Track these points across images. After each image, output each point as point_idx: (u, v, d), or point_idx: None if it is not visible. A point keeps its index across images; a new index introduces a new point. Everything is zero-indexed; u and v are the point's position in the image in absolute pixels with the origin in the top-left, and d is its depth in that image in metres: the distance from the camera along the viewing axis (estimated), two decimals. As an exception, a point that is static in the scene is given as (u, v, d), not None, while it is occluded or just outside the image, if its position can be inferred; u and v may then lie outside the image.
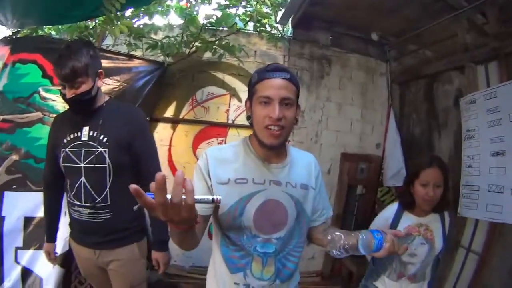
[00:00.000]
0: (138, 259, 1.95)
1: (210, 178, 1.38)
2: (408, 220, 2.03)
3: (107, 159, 1.80)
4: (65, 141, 1.87)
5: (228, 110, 3.62)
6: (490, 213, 2.43)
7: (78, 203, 1.85)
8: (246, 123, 1.47)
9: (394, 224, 2.03)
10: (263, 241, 1.40)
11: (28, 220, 2.52)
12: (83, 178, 1.83)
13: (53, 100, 2.73)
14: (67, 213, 2.06)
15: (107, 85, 2.90)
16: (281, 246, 1.43)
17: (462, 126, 2.79)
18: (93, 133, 1.83)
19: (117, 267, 1.92)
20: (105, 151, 1.80)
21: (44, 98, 2.74)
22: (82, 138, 1.84)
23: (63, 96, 1.81)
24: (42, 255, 2.21)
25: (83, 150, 1.82)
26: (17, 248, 2.50)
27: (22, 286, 2.50)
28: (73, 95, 1.75)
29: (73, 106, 1.83)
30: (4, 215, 2.52)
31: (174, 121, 3.60)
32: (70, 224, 2.01)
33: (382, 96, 3.87)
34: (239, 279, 1.42)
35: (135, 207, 1.67)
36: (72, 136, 1.86)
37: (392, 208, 2.11)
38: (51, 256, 2.12)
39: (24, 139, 2.67)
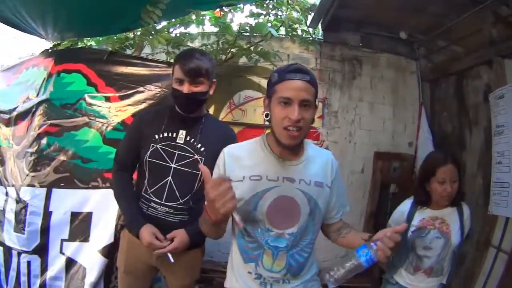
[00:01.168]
0: (198, 262, 2.06)
1: (230, 176, 1.43)
2: (423, 213, 2.11)
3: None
4: (156, 137, 1.93)
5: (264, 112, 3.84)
6: (521, 211, 2.46)
7: (158, 200, 1.91)
8: None
9: (409, 217, 2.12)
10: (276, 235, 1.49)
11: (74, 215, 2.76)
12: (170, 178, 1.90)
13: (99, 106, 2.97)
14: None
15: (149, 91, 3.12)
16: (293, 242, 1.50)
17: (491, 122, 2.88)
18: (190, 139, 1.93)
19: (177, 270, 1.97)
20: (201, 159, 1.89)
21: (90, 104, 2.98)
22: (177, 141, 1.93)
23: (175, 92, 1.88)
24: (86, 247, 2.37)
25: (176, 152, 1.91)
26: (62, 240, 2.76)
27: (66, 275, 2.74)
28: (190, 91, 1.84)
29: (186, 103, 1.90)
30: (52, 210, 2.79)
31: (213, 124, 3.86)
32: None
33: (413, 94, 4.06)
34: (251, 268, 1.53)
35: None
36: (166, 134, 1.94)
37: (408, 202, 2.21)
38: (159, 237, 1.86)
39: (72, 141, 2.92)
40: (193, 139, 1.92)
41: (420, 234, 2.07)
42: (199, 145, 1.91)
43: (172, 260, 1.84)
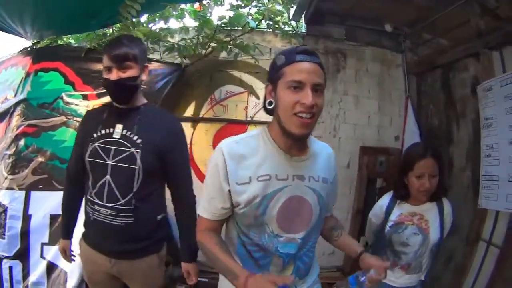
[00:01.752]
0: (157, 268, 1.97)
1: (228, 183, 1.35)
2: (401, 208, 2.12)
3: (138, 161, 1.80)
4: (95, 135, 1.89)
5: (246, 107, 3.91)
6: (511, 204, 2.47)
7: (99, 202, 1.84)
8: (265, 119, 1.46)
9: (388, 212, 2.14)
10: (286, 240, 1.39)
11: (54, 218, 2.83)
12: (108, 176, 1.83)
13: (76, 105, 3.07)
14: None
15: (127, 87, 3.21)
16: (302, 244, 1.43)
17: (480, 114, 2.85)
18: (127, 132, 1.86)
19: (135, 277, 1.96)
20: (137, 152, 1.81)
21: (67, 103, 3.08)
22: (114, 136, 1.86)
23: (105, 82, 1.87)
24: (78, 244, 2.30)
25: (113, 147, 1.84)
26: (43, 244, 2.83)
27: (47, 280, 2.80)
28: (118, 78, 1.80)
29: (115, 90, 1.86)
30: (31, 213, 2.86)
31: (194, 120, 3.92)
32: (85, 224, 2.00)
33: (399, 87, 4.05)
34: None
35: (159, 216, 1.95)
36: (103, 131, 1.88)
37: (387, 196, 2.22)
38: (67, 254, 2.17)
39: (49, 142, 3.00)
40: (129, 132, 1.86)
41: (397, 229, 2.08)
42: (135, 137, 1.84)
43: None
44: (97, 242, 1.93)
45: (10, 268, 2.82)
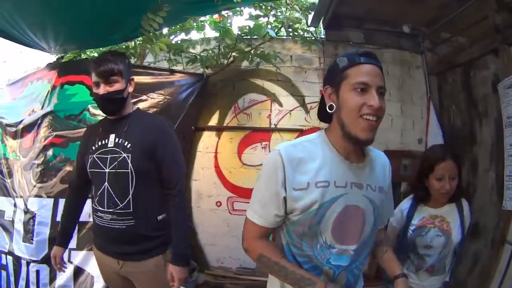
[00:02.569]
0: (164, 269, 1.99)
1: (285, 189, 1.30)
2: (422, 212, 2.14)
3: (130, 164, 1.91)
4: (93, 148, 2.01)
5: (270, 115, 4.01)
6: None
7: (101, 208, 1.97)
8: (289, 126, 1.58)
9: (409, 216, 2.15)
10: (339, 252, 1.34)
11: (81, 224, 2.91)
12: (106, 183, 1.94)
13: (102, 116, 3.13)
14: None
15: (152, 99, 3.35)
16: (354, 257, 1.38)
17: (502, 113, 2.87)
18: (118, 140, 1.97)
19: (142, 278, 2.02)
20: (128, 156, 1.92)
21: (93, 115, 3.18)
22: (109, 145, 1.97)
23: (94, 96, 1.97)
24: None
25: (108, 156, 1.95)
26: (70, 249, 2.91)
27: (74, 283, 2.92)
28: (106, 92, 1.91)
29: (104, 104, 1.97)
30: (59, 220, 2.90)
31: (219, 129, 4.05)
32: (93, 231, 2.14)
33: (420, 89, 4.09)
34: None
35: (160, 217, 2.05)
36: (100, 143, 2.01)
37: (408, 201, 2.23)
38: (57, 261, 2.22)
39: (77, 152, 3.10)
40: (120, 139, 1.97)
41: (420, 233, 2.10)
42: (126, 143, 1.95)
43: None
44: (104, 246, 2.04)
45: (37, 271, 2.96)
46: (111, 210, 1.93)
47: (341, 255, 1.34)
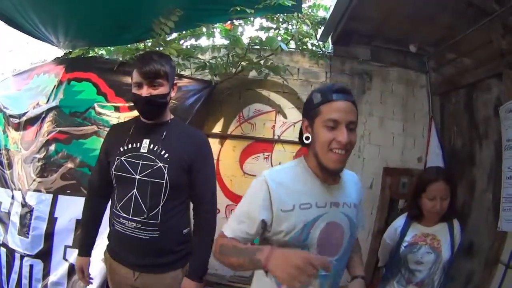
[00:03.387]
0: (178, 283, 1.96)
1: (271, 210, 1.44)
2: (415, 229, 2.29)
3: (166, 175, 1.86)
4: (121, 149, 1.94)
5: (274, 126, 4.07)
6: (531, 227, 2.56)
7: (125, 215, 1.89)
8: (292, 138, 1.74)
9: (402, 233, 2.30)
10: None
11: (79, 222, 2.84)
12: (135, 190, 1.87)
13: (108, 116, 3.21)
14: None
15: (159, 103, 3.35)
16: (337, 266, 1.54)
17: (502, 136, 2.93)
18: (154, 147, 1.91)
19: None
20: (164, 167, 1.86)
21: (99, 113, 3.23)
22: (141, 150, 1.91)
23: (134, 97, 1.91)
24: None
25: (140, 162, 1.88)
26: (66, 247, 2.94)
27: (68, 281, 2.89)
28: (149, 94, 1.85)
29: (145, 107, 1.91)
30: (57, 216, 3.00)
31: (222, 137, 4.10)
32: (109, 237, 2.06)
33: (423, 108, 4.19)
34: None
35: (185, 230, 2.06)
36: (130, 146, 1.94)
37: (402, 218, 2.39)
38: (85, 274, 2.13)
39: (80, 149, 3.15)
40: (156, 147, 1.91)
41: (412, 249, 2.25)
42: (162, 152, 1.90)
43: None
44: (121, 255, 1.97)
45: (31, 266, 2.96)
46: (136, 218, 1.87)
47: None
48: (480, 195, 3.33)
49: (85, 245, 2.17)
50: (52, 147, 3.15)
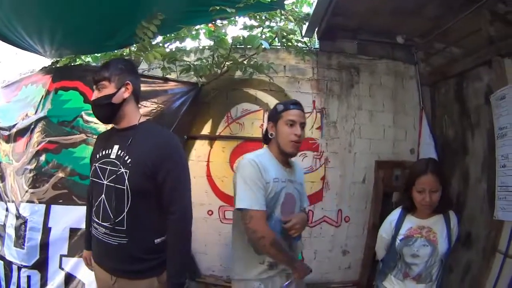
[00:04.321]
0: None
1: (262, 181, 2.05)
2: (410, 222, 2.30)
3: (126, 181, 1.87)
4: (97, 156, 2.03)
5: (262, 125, 4.05)
6: (528, 215, 2.54)
7: (97, 220, 1.97)
8: None
9: (398, 226, 2.32)
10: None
11: (73, 231, 3.02)
12: (103, 195, 1.93)
13: (96, 123, 3.23)
14: None
15: (145, 107, 3.39)
16: None
17: (494, 124, 2.95)
18: (121, 153, 1.94)
19: None
20: (126, 172, 1.88)
21: (87, 122, 3.27)
22: (111, 156, 1.96)
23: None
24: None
25: (108, 167, 1.94)
26: (62, 256, 3.01)
27: (65, 290, 2.96)
28: (95, 97, 1.97)
29: (94, 109, 2.04)
30: (51, 226, 3.06)
31: (211, 138, 4.09)
32: (92, 241, 2.12)
33: (413, 99, 4.16)
34: (263, 259, 2.09)
35: (158, 240, 2.04)
36: (104, 152, 2.01)
37: (397, 211, 2.40)
38: (89, 262, 2.27)
39: (70, 158, 3.19)
40: (122, 152, 1.94)
41: (408, 242, 2.25)
42: (126, 157, 1.91)
43: None
44: (99, 258, 2.05)
45: (28, 277, 3.02)
46: (104, 224, 1.92)
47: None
48: (474, 184, 3.33)
49: (87, 241, 2.28)
50: (42, 158, 3.20)
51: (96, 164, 1.99)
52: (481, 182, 3.23)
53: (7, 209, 3.25)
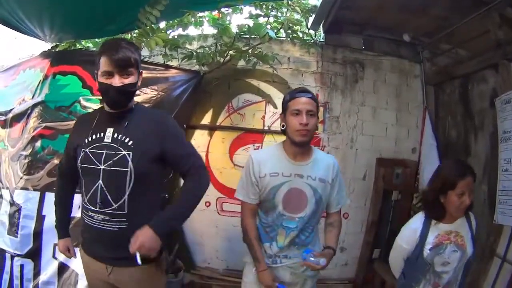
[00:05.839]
0: (157, 278, 1.96)
1: (254, 176, 2.13)
2: (436, 229, 2.15)
3: (130, 163, 1.81)
4: (86, 141, 1.88)
5: (264, 116, 4.03)
6: (528, 220, 2.52)
7: (92, 208, 1.85)
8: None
9: (423, 235, 2.15)
10: (288, 218, 2.12)
11: None
12: (100, 181, 1.83)
13: (94, 109, 3.13)
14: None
15: (145, 94, 3.33)
16: (301, 224, 2.13)
17: (498, 127, 2.92)
18: (118, 135, 1.86)
19: (132, 286, 1.92)
20: (128, 154, 1.82)
21: (84, 107, 3.18)
22: (105, 140, 1.86)
23: (103, 87, 1.82)
24: (79, 252, 2.14)
25: (104, 152, 1.84)
26: (55, 245, 2.84)
27: (58, 280, 2.92)
28: (121, 84, 1.79)
29: (116, 97, 1.84)
30: (45, 214, 2.99)
31: (211, 128, 4.05)
32: (82, 232, 2.02)
33: (417, 98, 4.15)
34: (267, 248, 2.17)
35: None
36: (94, 136, 1.88)
37: (419, 219, 2.22)
38: (71, 251, 2.21)
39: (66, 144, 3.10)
40: (120, 135, 1.86)
41: (438, 251, 2.12)
42: (126, 140, 1.85)
43: (139, 262, 1.72)
44: (93, 249, 1.94)
45: (21, 266, 2.95)
46: (103, 210, 1.82)
47: (290, 220, 2.12)
48: (475, 187, 3.26)
49: (62, 227, 2.22)
50: (38, 144, 3.12)
51: (87, 150, 1.86)
52: (482, 185, 3.21)
53: (1, 196, 3.16)
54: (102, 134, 1.88)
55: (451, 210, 2.10)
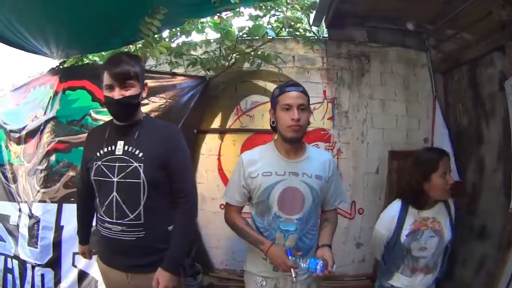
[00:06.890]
0: (176, 283, 1.97)
1: (244, 177, 2.05)
2: (413, 216, 2.20)
3: (142, 174, 1.89)
4: (98, 154, 1.96)
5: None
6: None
7: (109, 219, 1.93)
8: None
9: (400, 221, 2.20)
10: (285, 220, 2.01)
11: None
12: (115, 193, 1.91)
13: (104, 121, 3.21)
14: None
15: (154, 102, 3.43)
16: (301, 225, 2.03)
17: (509, 111, 2.87)
18: (128, 148, 1.93)
19: None
20: (140, 166, 1.89)
21: (95, 120, 3.28)
22: (117, 152, 1.93)
23: (107, 100, 1.90)
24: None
25: (117, 164, 1.91)
26: (74, 253, 3.04)
27: (79, 286, 3.03)
28: (121, 96, 1.86)
29: (118, 109, 1.92)
30: (63, 225, 3.11)
31: (222, 131, 4.12)
32: (99, 243, 2.10)
33: (426, 88, 4.09)
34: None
35: (170, 227, 2.08)
36: (106, 149, 1.96)
37: (396, 205, 2.28)
38: (87, 255, 2.38)
39: (80, 157, 3.06)
40: (130, 147, 1.94)
41: (415, 236, 2.19)
42: (137, 152, 1.92)
43: None
44: (112, 259, 2.01)
45: (42, 275, 3.08)
46: (120, 221, 1.91)
47: (287, 223, 2.02)
48: (490, 175, 3.25)
49: (82, 236, 2.35)
50: (53, 157, 3.24)
51: (100, 163, 1.95)
52: (496, 173, 3.15)
53: (20, 210, 3.31)
54: (113, 147, 1.97)
55: (436, 194, 2.17)
